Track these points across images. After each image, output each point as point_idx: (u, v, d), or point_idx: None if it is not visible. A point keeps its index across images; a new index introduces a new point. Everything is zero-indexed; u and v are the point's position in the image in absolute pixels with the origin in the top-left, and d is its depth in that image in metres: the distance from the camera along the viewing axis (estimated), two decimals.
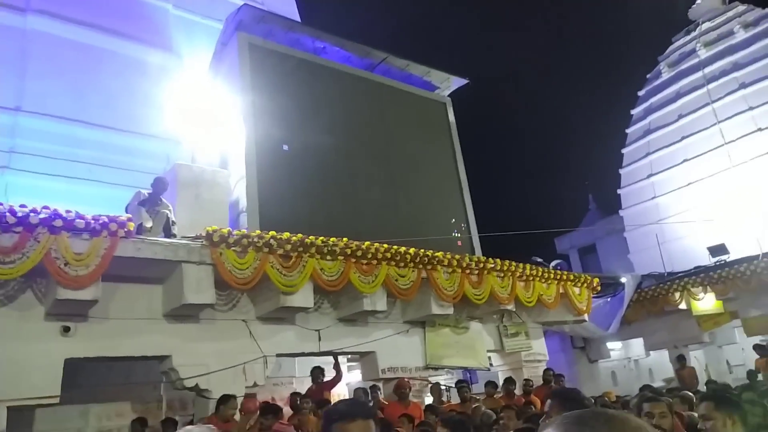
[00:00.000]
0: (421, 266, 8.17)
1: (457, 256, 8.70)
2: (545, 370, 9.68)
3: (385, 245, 7.82)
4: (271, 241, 6.73)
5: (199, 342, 6.72)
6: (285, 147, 8.48)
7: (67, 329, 5.78)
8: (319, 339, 7.79)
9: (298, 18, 12.21)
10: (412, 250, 8.09)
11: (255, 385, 7.09)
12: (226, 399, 5.85)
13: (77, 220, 5.39)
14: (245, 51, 8.64)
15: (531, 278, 9.80)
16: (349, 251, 7.37)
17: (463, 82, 11.38)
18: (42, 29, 8.64)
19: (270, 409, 5.59)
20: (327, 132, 9.12)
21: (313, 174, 8.67)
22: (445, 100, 11.34)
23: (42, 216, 5.20)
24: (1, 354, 5.35)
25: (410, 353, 8.70)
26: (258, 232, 6.84)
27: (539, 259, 18.66)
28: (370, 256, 7.57)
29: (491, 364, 10.62)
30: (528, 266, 9.82)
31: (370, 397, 9.08)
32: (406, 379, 8.26)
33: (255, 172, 8.02)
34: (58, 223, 5.27)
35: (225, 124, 8.68)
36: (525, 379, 9.33)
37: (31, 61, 8.45)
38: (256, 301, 7.31)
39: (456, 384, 8.83)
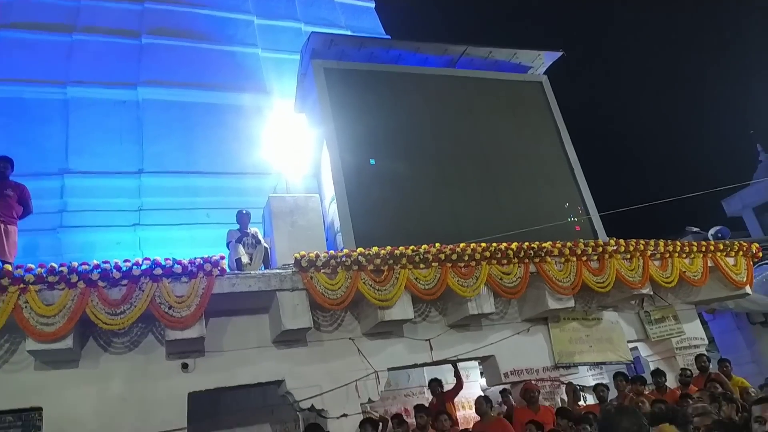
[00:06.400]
0: (527, 260, 7.65)
1: (569, 244, 8.01)
2: (698, 356, 8.47)
3: (483, 244, 7.45)
4: (360, 257, 6.75)
5: (309, 364, 6.94)
6: (372, 161, 8.51)
7: (185, 366, 6.32)
8: (431, 348, 7.62)
9: (385, 35, 12.32)
10: (514, 245, 7.61)
11: (370, 401, 7.14)
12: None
13: (175, 266, 5.88)
14: (321, 76, 8.87)
15: (667, 255, 8.67)
16: (443, 256, 7.13)
17: (557, 55, 10.53)
18: (152, 97, 9.72)
19: (365, 428, 5.55)
20: (413, 139, 8.99)
21: (404, 184, 8.58)
22: (540, 79, 10.58)
23: (144, 267, 5.76)
24: (133, 394, 6.02)
25: (535, 353, 8.15)
26: (346, 251, 6.91)
27: (695, 229, 16.58)
28: (467, 257, 7.25)
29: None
30: (662, 242, 8.71)
31: (497, 404, 8.71)
32: (533, 382, 7.77)
33: (344, 192, 8.15)
34: (158, 271, 5.80)
35: (313, 149, 8.98)
36: (682, 369, 8.23)
37: (147, 127, 9.53)
38: (359, 318, 7.38)
39: (594, 387, 8.08)
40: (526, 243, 7.72)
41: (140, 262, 5.79)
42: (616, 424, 2.48)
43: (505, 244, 7.61)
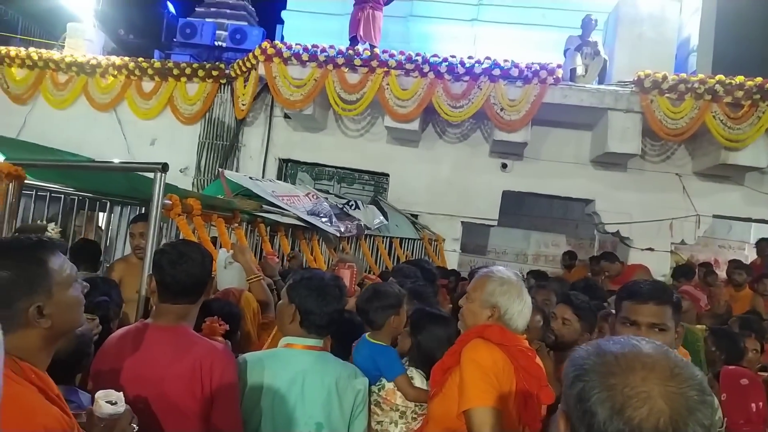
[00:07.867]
0: None
1: None
2: None
3: None
4: (717, 86, 5.78)
5: (623, 190, 6.73)
6: None
7: (504, 166, 6.77)
8: None
9: None
10: None
11: (682, 242, 6.74)
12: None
13: (512, 69, 5.95)
14: None
15: None
16: None
17: None
18: None
19: (682, 272, 5.30)
20: None
21: None
22: None
23: (484, 66, 5.98)
24: (458, 180, 6.80)
25: None
26: (700, 75, 5.95)
27: None
28: None
29: None
30: None
31: None
32: None
33: (714, 2, 6.72)
34: (497, 71, 5.96)
35: None
36: None
37: None
38: (694, 154, 6.62)
39: None
40: None
41: (481, 60, 6.00)
42: None
43: None
